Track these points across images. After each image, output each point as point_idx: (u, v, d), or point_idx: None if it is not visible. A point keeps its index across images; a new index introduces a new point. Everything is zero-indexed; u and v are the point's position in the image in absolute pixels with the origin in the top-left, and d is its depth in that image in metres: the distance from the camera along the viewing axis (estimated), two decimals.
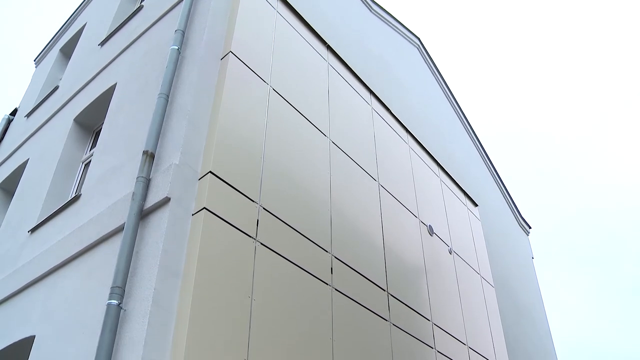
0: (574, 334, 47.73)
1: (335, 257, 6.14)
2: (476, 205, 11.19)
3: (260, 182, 5.59)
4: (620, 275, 51.42)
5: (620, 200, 51.08)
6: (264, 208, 5.45)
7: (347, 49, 9.03)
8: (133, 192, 5.03)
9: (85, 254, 5.51)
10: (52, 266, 5.84)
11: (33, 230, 6.93)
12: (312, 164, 6.57)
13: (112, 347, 4.26)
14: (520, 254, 14.64)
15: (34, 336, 5.45)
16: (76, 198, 6.42)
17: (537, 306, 14.19)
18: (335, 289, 5.92)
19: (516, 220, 15.35)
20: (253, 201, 5.36)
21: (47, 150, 8.20)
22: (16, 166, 9.07)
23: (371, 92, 9.04)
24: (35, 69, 12.73)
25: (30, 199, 7.60)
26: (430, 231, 8.61)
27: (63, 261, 5.72)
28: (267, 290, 5.04)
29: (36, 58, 12.91)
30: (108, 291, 4.51)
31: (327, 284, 5.84)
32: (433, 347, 7.29)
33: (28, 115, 10.37)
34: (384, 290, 6.78)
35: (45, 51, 12.60)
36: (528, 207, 48.98)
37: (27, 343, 5.55)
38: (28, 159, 8.75)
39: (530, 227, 15.98)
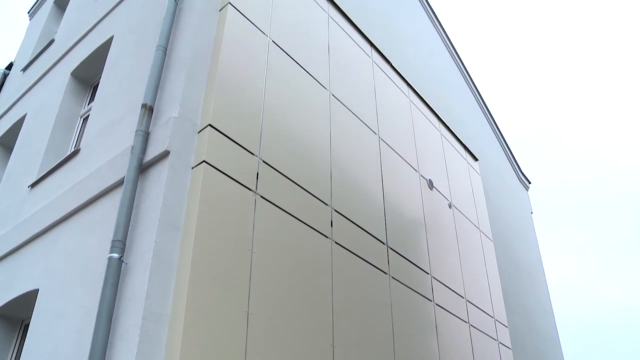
0: (570, 288, 48.40)
1: (335, 210, 6.16)
2: (476, 159, 11.17)
3: (260, 135, 5.56)
4: (616, 232, 51.85)
5: (618, 160, 51.06)
6: (263, 161, 5.43)
7: (347, 0, 8.85)
8: (132, 146, 5.00)
9: (86, 209, 5.53)
10: (53, 221, 5.86)
11: (33, 185, 6.93)
12: (312, 117, 6.52)
13: (114, 300, 4.30)
14: (520, 209, 14.70)
15: (38, 289, 5.51)
16: (75, 153, 6.39)
17: (535, 260, 14.33)
18: (335, 242, 5.95)
19: (516, 175, 15.36)
20: (253, 154, 5.33)
21: (44, 104, 8.13)
22: (14, 121, 9.01)
23: (372, 44, 8.91)
24: (29, 21, 12.50)
25: (29, 154, 7.58)
26: (430, 185, 8.62)
27: (64, 216, 5.73)
28: (267, 242, 5.07)
29: (30, 10, 12.65)
30: (109, 245, 4.53)
31: (326, 237, 5.87)
32: (432, 300, 7.38)
33: (24, 69, 10.24)
34: (384, 244, 6.83)
35: (39, 3, 12.34)
36: (528, 162, 49.04)
37: (31, 296, 5.62)
38: (26, 113, 8.68)
39: (530, 183, 15.99)
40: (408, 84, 9.61)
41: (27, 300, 5.74)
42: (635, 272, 48.03)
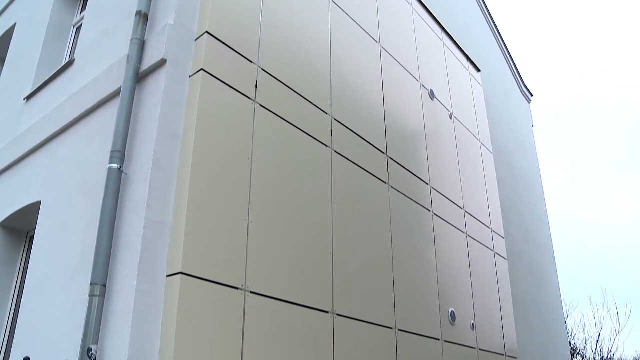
0: (566, 201, 49.04)
1: (335, 120, 6.09)
2: (479, 70, 10.98)
3: (259, 43, 5.41)
4: (614, 151, 51.92)
5: (621, 75, 50.30)
6: (262, 69, 5.32)
7: None
8: (128, 55, 4.88)
9: (84, 120, 5.47)
10: (51, 133, 5.82)
11: (29, 97, 6.83)
12: (312, 24, 6.33)
13: (116, 210, 4.33)
14: (521, 122, 14.63)
15: (40, 201, 5.54)
16: (70, 63, 6.26)
17: (534, 173, 14.42)
18: (335, 151, 5.93)
19: (519, 87, 15.18)
20: (251, 62, 5.21)
21: (34, 14, 7.88)
22: (3, 31, 8.76)
23: None
24: None
25: (23, 66, 7.42)
26: (431, 95, 8.51)
27: (62, 128, 5.69)
28: (266, 151, 5.04)
29: None
30: (108, 156, 4.51)
31: (326, 146, 5.84)
32: (430, 210, 7.46)
33: None
34: (384, 153, 6.81)
35: None
36: (531, 74, 48.39)
37: (34, 208, 5.67)
38: (15, 23, 8.43)
39: (532, 95, 15.83)
40: None
41: (31, 213, 5.80)
42: (630, 191, 48.59)
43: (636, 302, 41.64)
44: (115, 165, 4.43)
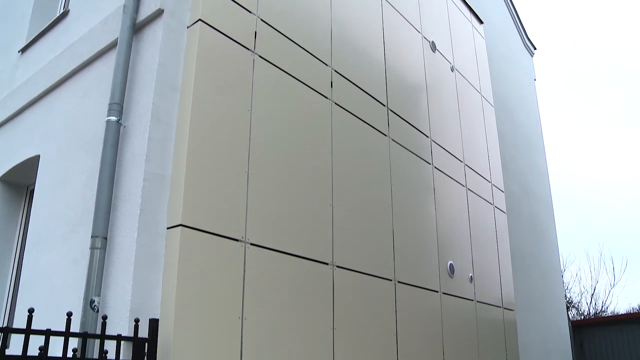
0: (567, 156, 49.03)
1: (335, 71, 6.01)
2: (481, 22, 10.79)
3: None
4: (615, 106, 51.62)
5: (626, 29, 49.55)
6: (261, 19, 5.21)
7: None
8: (124, 5, 4.77)
9: (80, 72, 5.41)
10: (47, 86, 5.76)
11: (23, 50, 6.73)
12: None
13: (115, 163, 4.32)
14: (523, 75, 14.47)
15: (39, 155, 5.52)
16: (64, 14, 6.14)
17: (535, 127, 14.33)
18: (335, 103, 5.87)
19: (521, 40, 14.95)
20: (250, 12, 5.10)
21: None
22: None
23: None
24: None
25: (15, 18, 7.29)
26: (433, 47, 8.38)
27: (58, 80, 5.62)
28: (266, 103, 4.99)
29: None
30: (106, 108, 4.47)
31: (326, 98, 5.78)
32: (430, 163, 7.44)
33: None
34: (384, 106, 6.75)
35: None
36: (535, 27, 47.73)
37: (33, 162, 5.65)
38: None
39: (535, 49, 15.60)
40: None
41: (30, 167, 5.79)
42: (630, 147, 48.52)
43: (632, 256, 42.15)
44: (113, 118, 4.40)
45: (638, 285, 42.40)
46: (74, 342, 3.47)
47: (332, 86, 5.88)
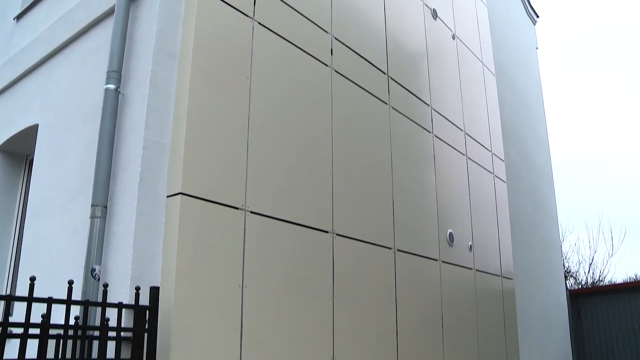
0: (568, 126, 48.92)
1: (336, 38, 5.94)
2: None
3: None
4: (615, 74, 51.29)
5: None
6: None
7: None
8: None
9: (78, 40, 5.34)
10: (44, 54, 5.69)
11: (19, 17, 6.64)
12: None
13: (114, 131, 4.29)
14: (525, 44, 14.33)
15: (37, 124, 5.49)
16: None
17: (536, 97, 14.26)
18: (335, 71, 5.81)
19: (524, 7, 14.76)
20: None
21: None
22: None
23: None
24: None
25: None
26: (434, 15, 8.27)
27: (55, 48, 5.56)
28: (265, 71, 4.94)
29: None
30: (105, 76, 4.43)
31: (326, 66, 5.72)
32: (431, 131, 7.41)
33: None
34: (384, 73, 6.68)
35: None
36: None
37: (31, 132, 5.62)
38: None
39: (537, 17, 15.42)
40: None
41: (28, 136, 5.76)
42: (630, 118, 48.38)
43: (630, 226, 42.33)
44: (111, 86, 4.36)
45: (636, 254, 42.68)
46: (75, 310, 3.49)
47: (332, 53, 5.82)
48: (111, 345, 3.56)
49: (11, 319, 3.20)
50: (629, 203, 41.05)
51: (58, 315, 3.39)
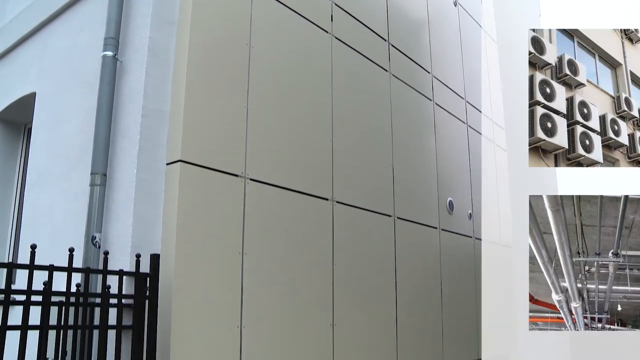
0: None
1: (336, 4, 5.84)
2: None
3: None
4: None
5: None
6: None
7: None
8: None
9: (74, 7, 5.25)
10: (40, 21, 5.60)
11: None
12: None
13: (112, 98, 4.26)
14: (527, 11, 14.13)
15: (35, 92, 5.45)
16: None
17: None
18: (335, 37, 5.74)
19: None
20: None
21: None
22: None
23: None
24: None
25: None
26: None
27: (51, 15, 5.47)
28: (265, 37, 4.87)
29: None
30: (102, 43, 4.37)
31: (326, 32, 5.64)
32: (431, 99, 7.36)
33: None
34: (385, 40, 6.61)
35: None
36: None
37: (29, 100, 5.58)
38: None
39: None
40: None
41: (26, 104, 5.72)
42: None
43: None
44: (109, 53, 4.31)
45: None
46: (76, 278, 3.52)
47: (332, 20, 5.74)
48: (112, 312, 3.60)
49: (13, 287, 3.23)
50: None
51: (59, 282, 3.41)
